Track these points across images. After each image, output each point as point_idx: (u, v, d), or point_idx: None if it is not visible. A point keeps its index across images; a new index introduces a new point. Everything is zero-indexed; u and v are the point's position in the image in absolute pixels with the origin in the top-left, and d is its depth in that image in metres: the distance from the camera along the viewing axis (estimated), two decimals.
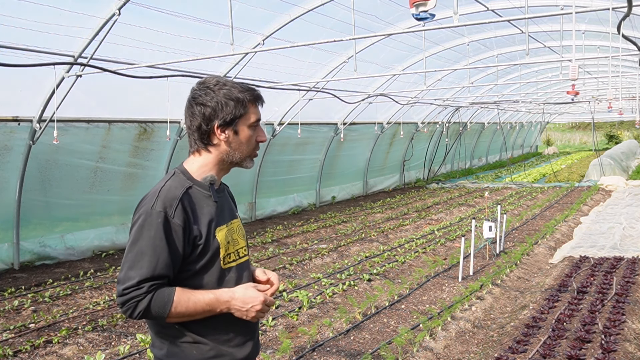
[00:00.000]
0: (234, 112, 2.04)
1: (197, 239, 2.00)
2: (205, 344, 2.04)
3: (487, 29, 11.77)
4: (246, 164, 2.14)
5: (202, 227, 2.02)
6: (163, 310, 1.91)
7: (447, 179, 22.09)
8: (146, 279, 1.90)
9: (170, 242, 1.94)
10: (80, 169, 9.05)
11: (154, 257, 1.91)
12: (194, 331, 2.03)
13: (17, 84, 7.96)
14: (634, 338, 5.43)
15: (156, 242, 1.92)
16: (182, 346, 2.03)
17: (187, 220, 1.98)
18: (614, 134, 44.10)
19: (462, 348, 5.49)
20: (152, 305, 1.91)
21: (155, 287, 1.92)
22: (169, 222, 1.95)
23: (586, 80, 18.86)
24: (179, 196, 1.99)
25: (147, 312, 1.91)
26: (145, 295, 1.90)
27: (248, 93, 2.07)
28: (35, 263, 8.62)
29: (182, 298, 1.93)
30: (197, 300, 1.95)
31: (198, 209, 2.03)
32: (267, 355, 4.92)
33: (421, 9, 4.28)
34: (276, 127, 12.43)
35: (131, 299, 1.90)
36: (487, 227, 8.24)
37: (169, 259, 1.94)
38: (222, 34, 8.45)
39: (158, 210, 1.95)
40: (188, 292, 1.96)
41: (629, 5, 4.92)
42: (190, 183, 2.06)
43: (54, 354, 5.30)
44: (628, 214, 12.72)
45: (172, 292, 1.93)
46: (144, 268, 1.90)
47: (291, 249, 9.88)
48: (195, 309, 1.96)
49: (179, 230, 1.96)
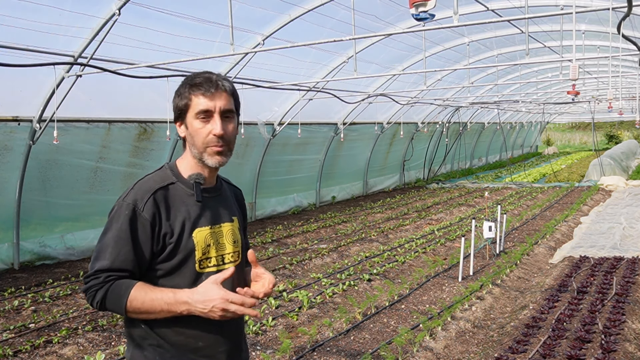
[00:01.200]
0: (179, 104, 1.97)
1: (168, 237, 1.91)
2: (167, 349, 1.93)
3: (487, 29, 11.77)
4: (205, 159, 1.97)
5: (176, 225, 1.92)
6: (119, 303, 1.84)
7: (447, 179, 22.09)
8: (104, 269, 1.86)
9: (135, 236, 1.88)
10: (80, 169, 9.05)
11: (115, 249, 1.87)
12: (160, 334, 1.93)
13: (17, 84, 7.96)
14: (634, 338, 5.43)
15: (120, 235, 1.87)
16: (146, 349, 1.94)
17: (157, 216, 1.90)
18: (614, 134, 44.11)
19: (462, 348, 5.49)
20: (107, 297, 1.85)
21: (113, 278, 1.86)
22: (137, 216, 1.89)
23: (586, 80, 18.86)
24: (152, 190, 1.93)
25: (104, 303, 1.86)
26: (102, 286, 1.85)
27: (188, 83, 1.96)
28: (35, 263, 8.62)
29: (139, 294, 1.83)
30: (155, 298, 1.84)
31: (174, 207, 1.95)
32: (267, 355, 4.92)
33: (421, 9, 4.28)
34: (276, 127, 12.43)
35: (90, 287, 1.87)
36: (487, 227, 8.24)
37: (131, 253, 1.87)
38: (222, 34, 8.45)
39: (127, 202, 1.90)
40: (147, 288, 1.86)
41: (629, 5, 4.92)
42: (174, 179, 1.99)
43: (54, 354, 5.30)
44: (628, 214, 12.72)
45: (129, 286, 1.85)
46: (104, 259, 1.87)
47: (291, 249, 9.88)
48: (152, 307, 1.84)
49: (147, 225, 1.89)
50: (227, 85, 1.98)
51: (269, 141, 12.51)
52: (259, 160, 12.64)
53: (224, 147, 1.97)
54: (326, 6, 8.65)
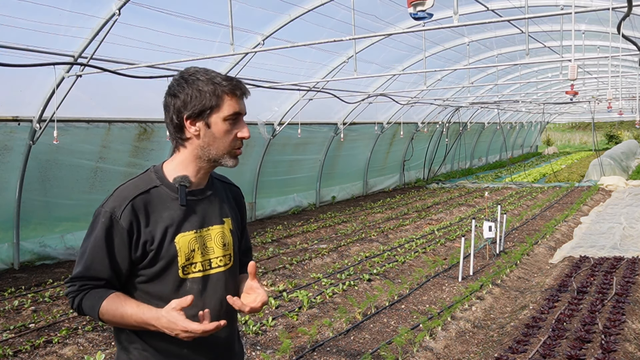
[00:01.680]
0: (204, 102, 1.85)
1: (148, 244, 1.85)
2: (152, 354, 1.90)
3: (487, 29, 11.77)
4: (225, 161, 1.93)
5: (157, 231, 1.86)
6: (92, 312, 1.84)
7: (447, 179, 22.09)
8: (78, 277, 1.86)
9: (110, 244, 1.83)
10: (80, 169, 9.05)
11: (90, 257, 1.85)
12: (144, 339, 1.89)
13: (17, 84, 7.96)
14: (634, 338, 5.43)
15: (96, 243, 1.84)
16: (132, 353, 1.91)
17: (136, 223, 1.84)
18: (614, 134, 44.11)
19: (462, 348, 5.49)
20: (82, 305, 1.86)
21: (88, 287, 1.85)
22: (113, 224, 1.84)
23: (586, 80, 18.87)
24: (130, 197, 1.86)
25: (80, 310, 1.87)
26: (78, 294, 1.86)
27: (225, 82, 1.87)
28: (35, 263, 8.62)
29: (110, 307, 1.81)
30: (125, 313, 1.81)
31: (155, 212, 1.88)
32: (267, 355, 4.92)
33: (419, 8, 4.28)
34: (276, 127, 12.43)
35: (68, 293, 1.89)
36: (487, 227, 8.24)
37: (106, 261, 1.83)
38: (222, 34, 8.45)
39: (105, 210, 1.86)
40: (120, 301, 1.82)
41: (629, 5, 4.92)
42: (158, 183, 1.92)
43: (54, 354, 5.30)
44: (628, 214, 12.72)
45: (102, 298, 1.82)
46: (80, 266, 1.86)
47: (291, 249, 9.88)
48: (122, 321, 1.83)
49: (124, 233, 1.83)
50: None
51: (269, 141, 12.51)
52: (259, 160, 12.64)
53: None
54: (326, 6, 8.65)
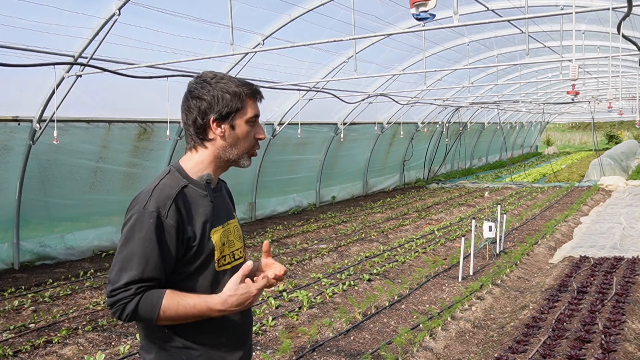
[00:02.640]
0: (231, 105, 1.97)
1: (191, 241, 1.92)
2: (195, 349, 1.96)
3: (487, 29, 11.77)
4: (243, 161, 2.05)
5: (197, 228, 1.94)
6: (151, 313, 1.85)
7: (447, 179, 22.09)
8: (134, 280, 1.84)
9: (162, 243, 1.87)
10: (80, 169, 9.05)
11: (144, 259, 1.85)
12: (184, 335, 1.95)
13: (17, 84, 7.96)
14: (634, 338, 5.43)
15: (146, 244, 1.85)
16: (171, 351, 1.95)
17: (181, 221, 1.91)
18: (614, 134, 44.11)
19: (462, 348, 5.49)
20: (139, 308, 1.84)
21: (143, 289, 1.85)
22: (162, 223, 1.87)
23: (586, 80, 18.86)
24: (172, 196, 1.92)
25: (135, 315, 1.85)
26: (133, 298, 1.84)
27: (246, 87, 2.01)
28: (35, 263, 8.62)
29: (171, 303, 1.85)
30: (187, 305, 1.86)
31: (193, 209, 1.95)
32: (267, 355, 4.92)
33: (421, 9, 4.28)
34: (276, 127, 12.43)
35: (119, 300, 1.85)
36: (487, 227, 8.24)
37: (159, 261, 1.87)
38: (222, 34, 8.45)
39: (150, 210, 1.88)
40: (178, 296, 1.87)
41: (629, 5, 4.92)
42: (186, 182, 1.98)
43: (54, 354, 5.30)
44: (628, 214, 12.72)
45: (160, 296, 1.85)
46: (132, 270, 1.85)
47: (291, 249, 9.88)
48: (185, 314, 1.88)
49: (172, 232, 1.88)
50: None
51: (269, 141, 12.51)
52: (259, 160, 12.64)
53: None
54: (326, 6, 8.65)
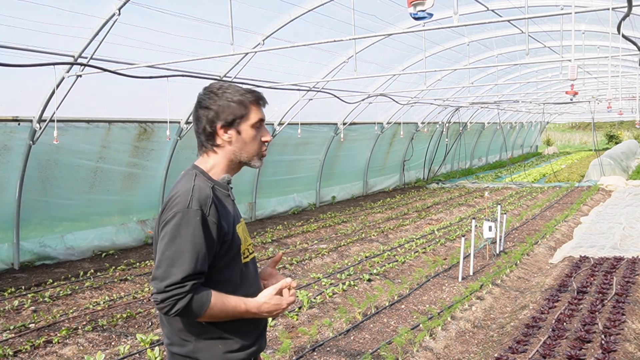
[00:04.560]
0: (235, 112, 2.13)
1: (226, 235, 2.10)
2: (231, 338, 2.13)
3: (487, 29, 11.77)
4: (254, 163, 2.22)
5: (229, 224, 2.13)
6: (200, 310, 1.99)
7: (447, 179, 22.09)
8: (189, 275, 1.97)
9: (208, 238, 2.02)
10: (80, 169, 9.05)
11: (195, 254, 1.98)
12: (220, 326, 2.10)
13: (17, 84, 7.95)
14: (634, 338, 5.43)
15: (196, 240, 1.99)
16: (209, 342, 2.10)
17: (220, 218, 2.08)
18: (614, 134, 44.11)
19: (462, 348, 5.49)
20: (191, 304, 1.97)
21: (196, 285, 1.99)
22: (206, 220, 2.03)
23: (586, 80, 18.85)
24: (211, 195, 2.09)
25: (185, 310, 1.97)
26: (187, 294, 1.96)
27: (250, 95, 2.17)
28: (35, 263, 8.62)
29: (217, 302, 2.02)
30: (230, 305, 2.05)
31: (223, 207, 2.13)
32: (267, 355, 4.92)
33: (419, 8, 4.28)
34: (276, 127, 12.43)
35: (172, 296, 1.95)
36: (487, 227, 8.24)
37: (207, 256, 2.02)
38: (222, 34, 8.45)
39: (195, 208, 2.02)
40: (222, 296, 2.04)
41: (629, 5, 4.92)
42: (212, 183, 2.15)
43: (54, 354, 5.30)
44: (628, 214, 12.72)
45: (209, 294, 2.01)
46: (185, 265, 1.96)
47: (291, 249, 9.88)
48: (226, 314, 2.05)
49: (214, 228, 2.05)
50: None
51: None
52: None
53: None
54: (326, 6, 8.65)
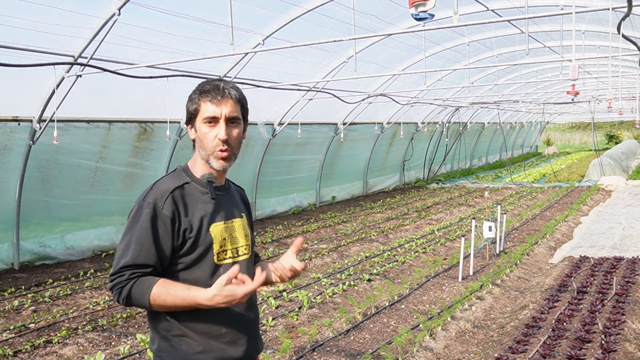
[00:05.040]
0: (189, 109, 2.12)
1: (187, 232, 2.04)
2: (193, 338, 2.05)
3: (487, 29, 11.77)
4: (211, 162, 2.12)
5: (194, 221, 2.06)
6: (142, 299, 1.96)
7: (447, 179, 22.09)
8: (127, 266, 1.98)
9: (156, 232, 2.00)
10: (80, 169, 9.05)
11: (138, 246, 1.99)
12: (184, 324, 2.05)
13: (17, 84, 7.95)
14: (634, 338, 5.43)
15: (142, 232, 2.00)
16: (172, 340, 2.06)
17: (177, 212, 2.04)
18: (614, 134, 44.11)
19: (462, 348, 5.49)
20: (132, 293, 1.97)
21: (137, 275, 1.98)
22: (157, 213, 2.02)
23: (586, 80, 18.85)
24: (170, 189, 2.07)
25: (129, 299, 1.98)
26: (127, 283, 1.97)
27: (203, 90, 2.10)
28: (35, 263, 8.62)
29: (161, 291, 1.96)
30: (176, 296, 1.96)
31: (191, 204, 2.09)
32: (267, 355, 4.92)
33: (420, 9, 4.28)
34: (276, 127, 12.43)
35: (115, 285, 1.99)
36: (487, 227, 8.24)
37: (153, 249, 1.99)
38: (222, 34, 8.45)
39: (148, 202, 2.03)
40: (169, 286, 1.97)
41: (629, 5, 4.92)
42: (189, 180, 2.13)
43: (54, 354, 5.30)
44: (628, 214, 12.72)
45: (152, 283, 1.97)
46: (127, 256, 1.99)
47: None
48: (174, 304, 1.97)
49: (167, 222, 2.02)
50: (234, 93, 2.11)
51: (269, 141, 12.51)
52: (259, 160, 12.64)
53: (228, 152, 2.11)
54: (326, 6, 8.65)
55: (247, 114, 2.23)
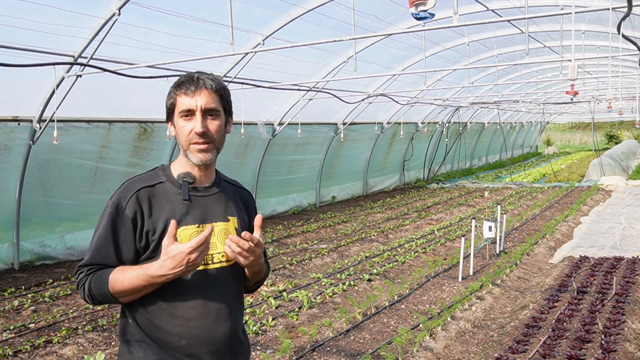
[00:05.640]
0: (167, 104, 2.05)
1: (150, 234, 1.95)
2: (150, 346, 1.94)
3: (487, 29, 11.77)
4: (190, 157, 2.01)
5: (159, 222, 1.96)
6: (102, 289, 1.92)
7: (447, 179, 22.09)
8: (85, 265, 1.97)
9: (116, 232, 1.95)
10: (80, 169, 9.05)
11: (97, 246, 1.97)
12: (144, 330, 1.96)
13: (17, 84, 7.96)
14: (634, 338, 5.43)
15: (102, 232, 1.96)
16: (132, 345, 1.97)
17: (140, 213, 1.96)
18: (614, 134, 44.11)
19: (462, 348, 5.49)
20: (92, 287, 1.94)
21: (93, 270, 1.96)
22: (119, 213, 1.96)
23: (586, 80, 18.86)
24: (135, 189, 1.99)
25: (92, 294, 1.95)
26: (86, 279, 1.96)
27: (178, 83, 2.01)
28: (35, 263, 8.62)
29: (117, 276, 1.90)
30: (132, 276, 1.89)
31: (158, 205, 1.98)
32: (267, 355, 4.92)
33: (421, 8, 4.28)
34: (276, 127, 12.43)
35: (78, 283, 1.99)
36: (487, 227, 8.24)
37: (112, 249, 1.95)
38: (222, 34, 8.45)
39: (112, 201, 1.99)
40: (125, 269, 1.92)
41: (629, 5, 4.92)
42: (164, 179, 2.04)
43: (54, 354, 5.30)
44: (628, 214, 12.72)
45: (109, 272, 1.93)
46: (88, 255, 1.98)
47: (291, 249, 9.88)
48: (132, 286, 1.89)
49: (128, 222, 1.95)
50: (210, 83, 1.99)
51: (269, 141, 12.51)
52: (259, 160, 12.64)
53: (207, 144, 1.99)
54: (326, 6, 8.65)
55: (230, 107, 2.08)
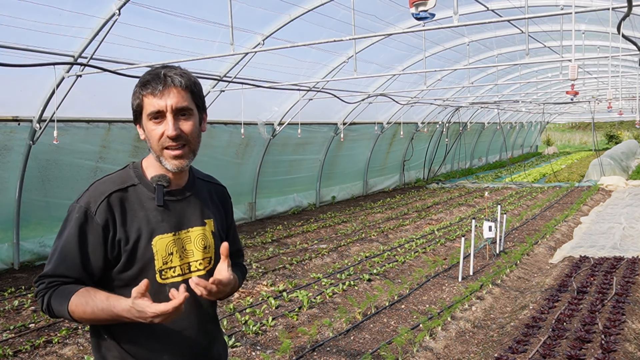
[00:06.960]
0: (132, 105, 1.83)
1: (123, 244, 1.78)
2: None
3: (487, 29, 11.77)
4: (164, 163, 1.81)
5: (131, 231, 1.79)
6: (61, 308, 1.74)
7: (447, 179, 22.09)
8: (47, 275, 1.79)
9: (84, 241, 1.77)
10: (80, 169, 9.05)
11: (61, 256, 1.78)
12: (124, 347, 1.82)
13: (17, 84, 7.95)
14: (634, 338, 5.43)
15: (68, 239, 1.78)
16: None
17: (112, 220, 1.78)
18: (614, 134, 44.12)
19: (462, 348, 5.49)
20: (52, 303, 1.76)
21: (56, 284, 1.77)
22: (88, 220, 1.77)
23: (586, 80, 18.87)
24: (107, 192, 1.80)
25: (50, 309, 1.78)
26: (46, 292, 1.78)
27: (144, 81, 1.79)
28: (35, 263, 8.62)
29: (80, 301, 1.71)
30: (95, 308, 1.69)
31: (131, 211, 1.81)
32: (267, 355, 4.92)
33: (421, 8, 4.28)
34: (276, 127, 12.43)
35: (37, 293, 1.81)
36: (487, 227, 8.24)
37: (77, 260, 1.77)
38: (222, 34, 8.45)
39: (79, 205, 1.80)
40: (90, 295, 1.71)
41: (629, 5, 4.92)
42: (136, 181, 1.85)
43: (54, 354, 5.30)
44: (628, 214, 12.72)
45: (71, 293, 1.73)
46: (50, 264, 1.80)
47: (291, 249, 9.88)
48: (95, 318, 1.71)
49: (99, 230, 1.77)
50: (179, 80, 1.78)
51: (269, 141, 12.51)
52: (259, 160, 12.64)
53: (182, 149, 1.80)
54: (326, 6, 8.65)
55: (203, 103, 1.88)
